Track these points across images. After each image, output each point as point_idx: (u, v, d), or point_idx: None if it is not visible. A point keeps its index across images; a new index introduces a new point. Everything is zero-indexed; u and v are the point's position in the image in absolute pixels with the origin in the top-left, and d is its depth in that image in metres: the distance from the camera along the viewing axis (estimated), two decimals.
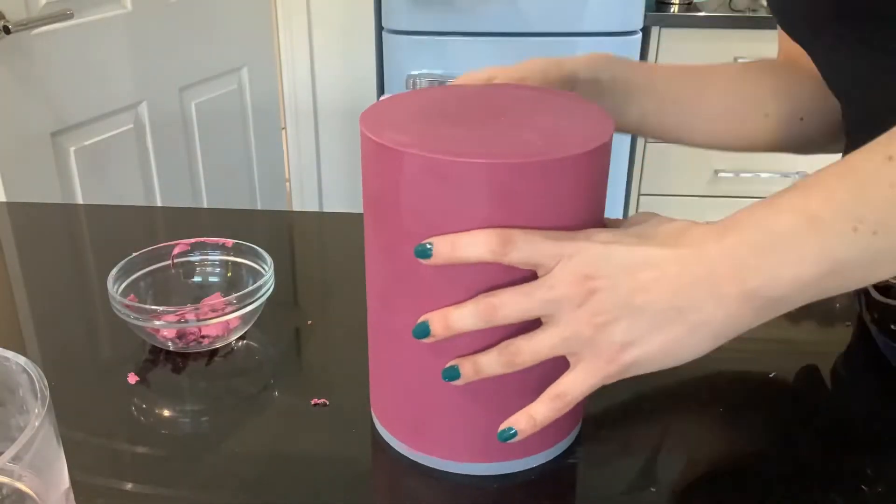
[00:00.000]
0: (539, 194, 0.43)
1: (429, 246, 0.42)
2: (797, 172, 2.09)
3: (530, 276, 0.44)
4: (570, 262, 0.41)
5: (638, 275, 0.40)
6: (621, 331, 0.41)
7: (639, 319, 0.40)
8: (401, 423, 0.53)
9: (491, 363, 0.44)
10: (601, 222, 0.49)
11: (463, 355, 0.46)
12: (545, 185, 0.43)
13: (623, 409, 0.58)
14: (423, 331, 0.45)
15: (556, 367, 0.46)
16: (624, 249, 0.41)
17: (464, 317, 0.43)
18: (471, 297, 0.44)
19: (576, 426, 0.55)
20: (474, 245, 0.41)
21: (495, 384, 0.48)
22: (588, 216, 0.47)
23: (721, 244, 0.40)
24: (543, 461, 0.53)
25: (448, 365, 0.46)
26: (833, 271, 0.39)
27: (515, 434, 0.46)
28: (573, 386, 0.43)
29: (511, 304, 0.42)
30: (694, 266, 0.40)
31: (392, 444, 0.54)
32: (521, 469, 0.52)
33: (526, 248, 0.41)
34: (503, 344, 0.44)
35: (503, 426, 0.46)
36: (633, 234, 0.42)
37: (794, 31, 0.61)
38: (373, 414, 0.56)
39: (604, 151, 0.46)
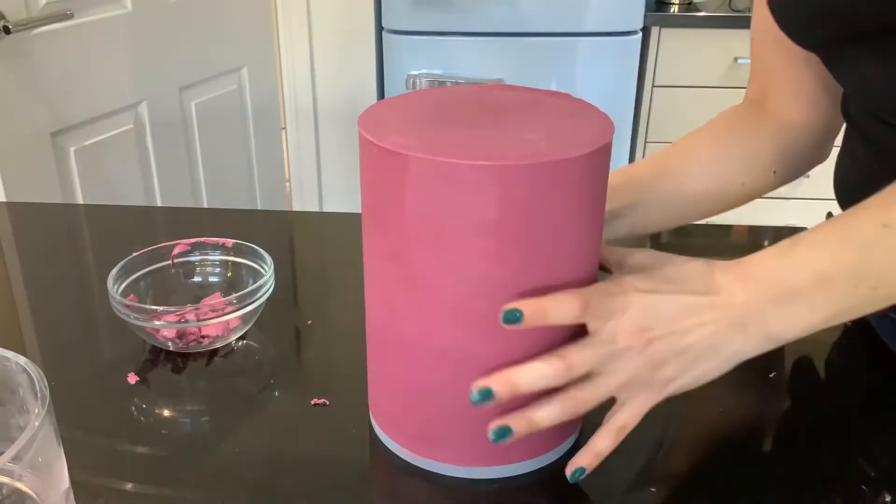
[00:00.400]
0: (544, 195, 0.43)
1: (518, 313, 0.44)
2: None
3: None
4: (628, 317, 0.45)
5: (684, 321, 0.46)
6: (671, 369, 0.46)
7: (685, 359, 0.46)
8: (402, 428, 0.53)
9: (551, 415, 0.46)
10: (602, 222, 0.49)
11: (490, 369, 0.46)
12: (550, 186, 0.43)
13: None
14: (484, 398, 0.45)
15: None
16: (668, 300, 0.46)
17: (534, 378, 0.45)
18: (483, 301, 0.45)
19: (576, 429, 0.55)
20: (561, 310, 0.45)
21: None
22: (591, 216, 0.47)
23: (746, 294, 0.46)
24: (544, 464, 0.53)
25: (496, 424, 0.46)
26: (837, 317, 0.46)
27: (584, 471, 0.49)
28: (631, 419, 0.48)
29: (584, 360, 0.45)
30: (727, 312, 0.46)
31: (392, 449, 0.54)
32: (523, 472, 0.52)
33: (598, 308, 0.45)
34: (564, 395, 0.46)
35: (572, 465, 0.49)
36: (664, 279, 0.47)
37: (807, 44, 0.62)
38: (372, 419, 0.56)
39: (606, 151, 0.46)
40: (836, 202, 0.74)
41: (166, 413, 0.59)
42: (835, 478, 0.52)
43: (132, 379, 0.62)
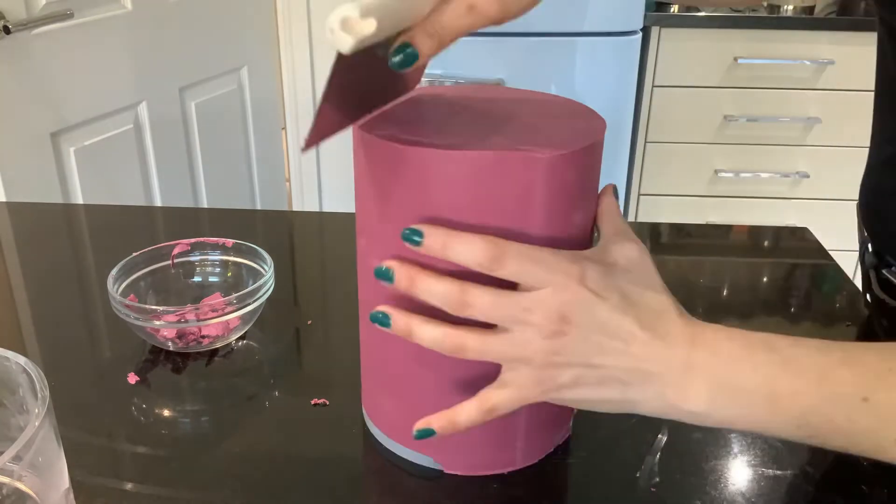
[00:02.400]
0: (576, 181, 0.44)
1: (419, 236, 0.42)
2: (797, 172, 2.10)
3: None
4: (557, 295, 0.41)
5: (608, 340, 0.42)
6: (569, 377, 0.43)
7: (588, 375, 0.42)
8: (392, 422, 0.53)
9: (429, 337, 0.44)
10: (591, 220, 0.49)
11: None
12: (579, 173, 0.43)
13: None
14: (383, 273, 0.44)
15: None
16: (607, 309, 0.42)
17: (431, 289, 0.43)
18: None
19: (570, 418, 0.55)
20: (466, 251, 0.42)
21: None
22: (580, 213, 0.47)
23: (688, 359, 0.42)
24: (535, 460, 0.53)
25: (379, 309, 0.45)
26: (759, 433, 0.43)
27: (433, 433, 0.46)
28: (506, 402, 0.44)
29: (483, 307, 0.42)
30: (656, 361, 0.42)
31: (384, 444, 0.54)
32: (521, 467, 0.52)
33: (515, 268, 0.42)
34: (453, 330, 0.43)
35: (421, 424, 0.46)
36: (623, 291, 0.43)
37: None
38: (364, 413, 0.56)
39: (595, 149, 0.46)
40: (836, 202, 0.74)
41: (166, 413, 0.59)
42: (834, 477, 0.52)
43: (132, 379, 0.62)
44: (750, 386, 0.41)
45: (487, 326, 0.43)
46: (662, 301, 0.43)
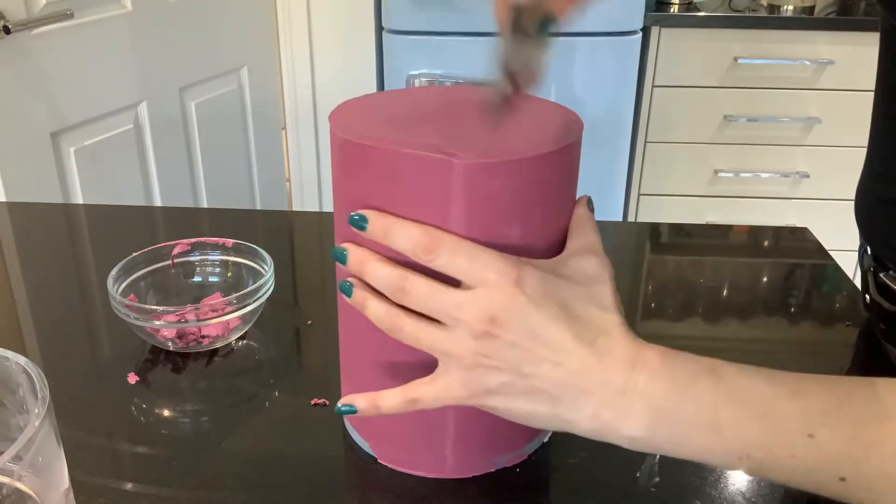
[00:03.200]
0: (506, 193, 0.43)
1: (365, 222, 0.44)
2: (797, 172, 2.10)
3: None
4: (487, 296, 0.41)
5: (540, 349, 0.40)
6: (497, 382, 0.41)
7: (517, 383, 0.41)
8: (376, 425, 0.53)
9: (373, 312, 0.44)
10: (567, 220, 0.48)
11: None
12: (512, 184, 0.43)
13: None
14: (339, 254, 0.46)
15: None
16: (542, 318, 0.40)
17: (376, 271, 0.44)
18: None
19: (521, 448, 0.55)
20: (403, 237, 0.43)
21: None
22: (555, 215, 0.46)
23: (628, 381, 0.40)
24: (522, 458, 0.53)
25: (348, 279, 0.46)
26: (697, 462, 0.41)
27: (355, 411, 0.46)
28: (431, 398, 0.44)
29: (419, 296, 0.42)
30: (592, 379, 0.40)
31: (366, 448, 0.54)
32: (514, 464, 0.52)
33: (447, 260, 0.42)
34: (394, 310, 0.44)
35: (346, 400, 0.46)
36: (564, 304, 0.41)
37: None
38: (346, 421, 0.56)
39: (572, 150, 0.45)
40: (836, 202, 0.74)
41: (166, 413, 0.59)
42: None
43: (132, 379, 0.62)
44: (691, 414, 0.39)
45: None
46: (608, 319, 0.42)
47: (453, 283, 0.42)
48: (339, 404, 0.47)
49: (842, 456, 0.38)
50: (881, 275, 0.66)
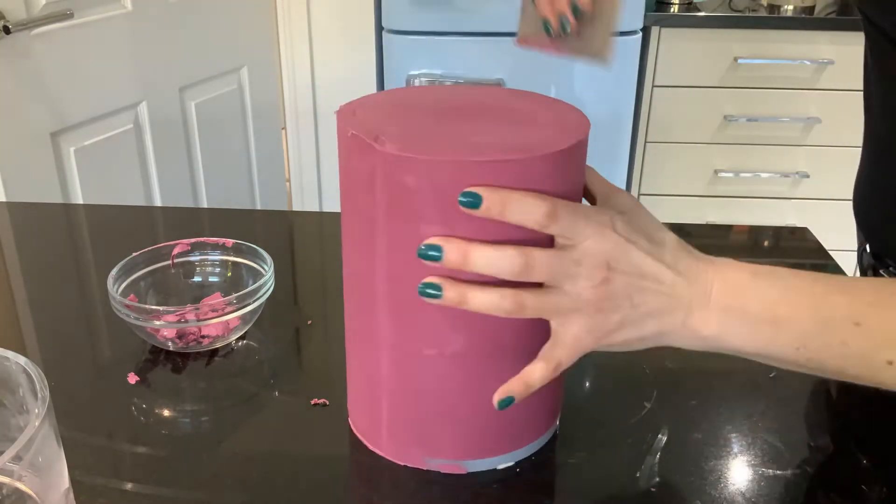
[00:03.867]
0: (540, 188, 0.43)
1: (479, 199, 0.43)
2: (797, 172, 2.09)
3: (538, 241, 0.44)
4: (600, 245, 0.44)
5: (645, 281, 0.45)
6: (616, 318, 0.46)
7: (631, 315, 0.46)
8: (379, 424, 0.53)
9: (488, 301, 0.45)
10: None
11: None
12: (521, 183, 0.43)
13: (623, 410, 0.58)
14: (428, 254, 0.44)
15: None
16: (641, 255, 0.45)
17: (492, 258, 0.44)
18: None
19: (556, 418, 0.55)
20: (524, 211, 0.43)
21: (477, 383, 0.48)
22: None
23: (706, 290, 0.46)
24: (526, 455, 0.53)
25: (429, 280, 0.45)
26: (766, 358, 0.46)
27: (513, 401, 0.47)
28: (567, 356, 0.47)
29: (543, 265, 0.44)
30: (681, 294, 0.46)
31: (371, 447, 0.54)
32: (511, 463, 0.52)
33: (567, 222, 0.44)
34: (510, 290, 0.44)
35: (500, 394, 0.47)
36: (644, 236, 0.46)
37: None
38: (350, 421, 0.56)
39: (580, 149, 0.46)
40: (836, 202, 0.74)
41: (166, 413, 0.59)
42: (834, 477, 0.52)
43: (132, 379, 0.62)
44: (754, 310, 0.45)
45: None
46: (672, 239, 0.47)
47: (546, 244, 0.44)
48: (496, 401, 0.47)
49: (888, 341, 0.43)
50: (882, 272, 0.66)
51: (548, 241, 0.44)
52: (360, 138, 0.45)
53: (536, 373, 0.47)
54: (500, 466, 0.53)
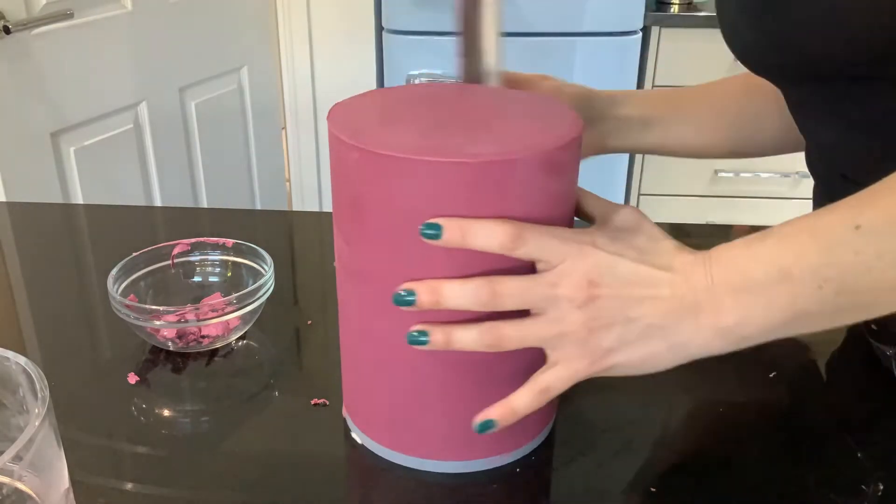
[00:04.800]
0: (508, 192, 0.43)
1: (437, 228, 0.42)
2: (797, 172, 2.10)
3: (521, 268, 0.44)
4: (577, 264, 0.43)
5: (636, 290, 0.43)
6: (612, 337, 0.44)
7: (629, 330, 0.43)
8: (376, 423, 0.53)
9: (469, 339, 0.44)
10: (571, 217, 0.49)
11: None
12: (511, 183, 0.43)
13: (623, 410, 0.58)
14: (404, 300, 0.44)
15: (530, 367, 0.46)
16: (628, 264, 0.43)
17: (459, 294, 0.43)
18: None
19: (550, 419, 0.55)
20: (486, 235, 0.42)
21: (473, 382, 0.48)
22: (558, 212, 0.47)
23: (706, 278, 0.43)
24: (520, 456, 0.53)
25: (415, 328, 0.45)
26: (798, 319, 0.43)
27: (494, 425, 0.46)
28: (558, 381, 0.45)
29: (513, 293, 0.43)
30: (682, 292, 0.43)
31: (368, 446, 0.54)
32: (509, 462, 0.52)
33: (535, 244, 0.43)
34: (488, 324, 0.44)
35: (480, 417, 0.46)
36: (634, 247, 0.45)
37: (757, 72, 0.62)
38: (346, 416, 0.56)
39: (572, 148, 0.46)
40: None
41: (166, 413, 0.59)
42: (834, 477, 0.52)
43: (132, 379, 0.62)
44: (760, 275, 0.42)
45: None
46: (670, 244, 0.45)
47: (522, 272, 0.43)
48: (475, 424, 0.46)
49: (890, 224, 0.41)
50: None
51: (531, 269, 0.44)
52: (344, 139, 0.45)
53: (520, 399, 0.45)
54: (499, 466, 0.53)
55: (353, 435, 0.55)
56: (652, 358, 0.44)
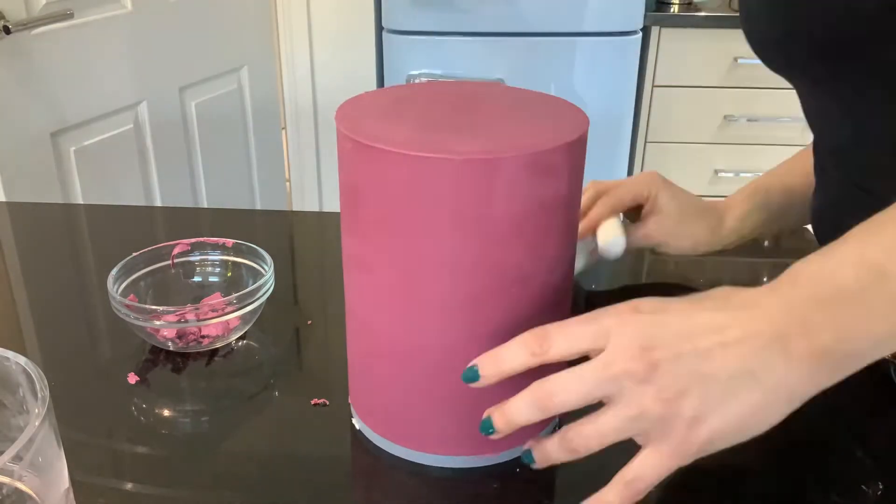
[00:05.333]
0: (493, 191, 0.43)
1: (475, 369, 0.42)
2: None
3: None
4: (623, 335, 0.38)
5: (699, 341, 0.37)
6: (692, 404, 0.37)
7: (709, 389, 0.37)
8: (378, 414, 0.53)
9: (553, 452, 0.42)
10: (575, 224, 0.49)
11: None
12: (499, 183, 0.43)
13: None
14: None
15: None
16: (678, 316, 0.38)
17: (521, 410, 0.41)
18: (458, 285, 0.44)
19: (552, 421, 0.55)
20: (514, 355, 0.41)
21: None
22: (554, 217, 0.46)
23: (780, 300, 0.37)
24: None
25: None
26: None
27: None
28: (646, 470, 0.40)
29: (568, 390, 0.39)
30: (756, 326, 0.37)
31: (375, 441, 0.54)
32: (506, 460, 0.52)
33: (563, 339, 0.40)
34: (563, 429, 0.41)
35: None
36: (675, 300, 0.40)
37: (773, 67, 0.62)
38: (353, 411, 0.57)
39: (566, 151, 0.45)
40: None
41: (166, 413, 0.59)
42: (835, 477, 0.52)
43: (132, 379, 0.62)
44: (848, 280, 0.36)
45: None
46: (723, 288, 0.40)
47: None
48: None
49: None
50: None
51: None
52: (342, 130, 0.45)
53: (607, 497, 0.41)
54: (500, 463, 0.52)
55: (353, 421, 0.55)
56: (752, 414, 0.38)
